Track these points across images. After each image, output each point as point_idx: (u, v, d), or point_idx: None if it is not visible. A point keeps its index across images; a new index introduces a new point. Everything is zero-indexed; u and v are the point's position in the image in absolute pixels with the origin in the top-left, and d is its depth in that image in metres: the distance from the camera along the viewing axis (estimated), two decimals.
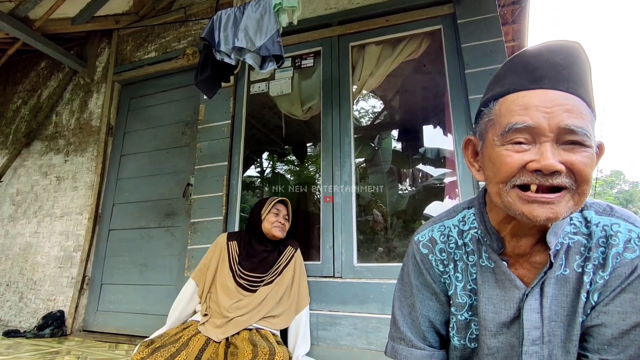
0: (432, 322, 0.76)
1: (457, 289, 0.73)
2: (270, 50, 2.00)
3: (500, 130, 0.61)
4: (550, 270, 0.64)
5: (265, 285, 1.95)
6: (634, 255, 0.61)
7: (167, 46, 3.27)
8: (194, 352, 1.63)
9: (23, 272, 3.15)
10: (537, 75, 0.59)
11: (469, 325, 0.72)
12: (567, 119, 0.56)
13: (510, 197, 0.60)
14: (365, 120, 5.73)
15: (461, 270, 0.73)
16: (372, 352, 1.95)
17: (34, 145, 3.59)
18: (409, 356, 0.76)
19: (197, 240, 2.55)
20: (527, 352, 0.64)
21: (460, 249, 0.74)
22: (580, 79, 0.59)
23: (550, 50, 0.61)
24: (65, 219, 3.15)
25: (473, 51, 2.21)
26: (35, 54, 3.90)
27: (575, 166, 0.56)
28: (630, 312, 0.60)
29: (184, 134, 3.02)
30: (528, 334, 0.64)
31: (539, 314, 0.64)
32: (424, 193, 5.06)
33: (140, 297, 2.73)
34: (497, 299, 0.68)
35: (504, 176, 0.60)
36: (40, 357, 2.03)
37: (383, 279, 2.06)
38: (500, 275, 0.68)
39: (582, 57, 0.61)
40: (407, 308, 0.78)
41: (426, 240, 0.77)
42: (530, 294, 0.65)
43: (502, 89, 0.64)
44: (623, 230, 0.63)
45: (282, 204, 2.15)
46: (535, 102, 0.58)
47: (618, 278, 0.61)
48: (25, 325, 2.92)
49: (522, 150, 0.59)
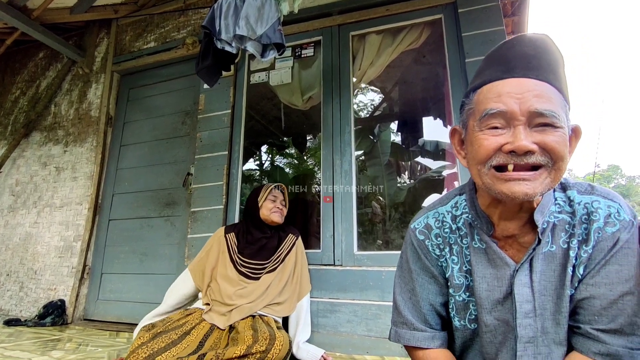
0: (433, 304, 0.79)
1: (454, 271, 0.76)
2: (272, 38, 1.99)
3: (478, 116, 0.66)
4: (538, 246, 0.68)
5: (267, 273, 1.96)
6: (615, 229, 0.65)
7: (167, 36, 3.25)
8: (197, 339, 1.64)
9: (23, 262, 3.16)
10: (510, 66, 0.65)
11: (467, 306, 0.76)
12: (536, 104, 0.61)
13: (488, 177, 0.65)
14: (364, 113, 5.72)
15: (456, 252, 0.77)
16: (372, 339, 1.97)
17: (32, 135, 3.58)
18: (411, 338, 0.79)
19: (197, 229, 2.56)
20: (521, 324, 0.67)
21: (454, 233, 0.78)
22: (550, 67, 0.64)
23: (522, 42, 0.67)
24: (65, 209, 3.15)
25: (474, 40, 2.21)
26: (34, 44, 3.87)
27: (548, 145, 0.61)
28: (616, 283, 0.64)
29: (184, 123, 3.02)
30: (520, 307, 0.68)
31: (529, 288, 0.68)
32: (422, 185, 5.07)
33: (141, 286, 2.74)
34: (490, 277, 0.71)
35: (482, 158, 0.65)
36: (42, 345, 2.05)
37: (383, 266, 2.07)
38: (492, 254, 0.72)
39: (551, 48, 0.66)
40: (407, 293, 0.81)
41: (422, 227, 0.81)
42: (520, 269, 0.69)
43: (480, 81, 0.70)
44: (603, 206, 0.67)
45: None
46: (507, 90, 0.63)
47: (601, 251, 0.65)
48: (25, 314, 2.94)
49: (498, 134, 0.64)
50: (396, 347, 1.91)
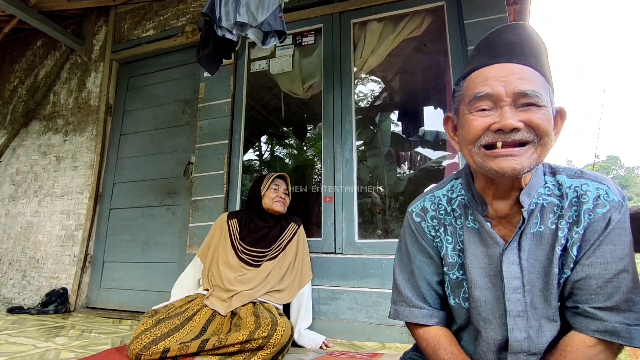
0: (430, 283, 0.83)
1: (448, 250, 0.80)
2: (273, 25, 1.98)
3: (467, 100, 0.71)
4: (525, 226, 0.72)
5: (268, 261, 1.98)
6: (605, 210, 0.67)
7: (166, 24, 3.22)
8: (199, 325, 1.66)
9: (25, 251, 3.17)
10: (496, 53, 0.70)
11: (461, 284, 0.79)
12: (520, 85, 0.66)
13: (479, 156, 0.69)
14: (364, 103, 5.70)
15: (450, 233, 0.81)
16: (373, 325, 2.00)
17: (32, 125, 3.57)
18: (410, 315, 0.83)
19: (199, 218, 2.57)
20: (510, 299, 0.71)
21: (449, 215, 0.82)
22: (532, 52, 0.69)
23: (506, 31, 0.73)
24: (66, 198, 3.15)
25: (476, 27, 2.19)
26: (31, 32, 3.83)
27: (533, 122, 0.65)
28: (611, 262, 0.66)
29: (184, 112, 3.00)
30: (509, 284, 0.71)
31: (517, 265, 0.71)
32: (422, 175, 5.08)
33: (143, 274, 2.76)
34: (482, 256, 0.75)
35: (472, 138, 0.70)
36: (46, 332, 2.07)
37: (383, 254, 2.09)
38: (484, 234, 0.76)
39: (533, 35, 0.72)
40: (406, 274, 0.86)
41: (419, 210, 0.86)
42: (509, 248, 0.72)
43: (469, 68, 0.75)
44: (592, 189, 0.70)
45: (281, 178, 2.16)
46: (493, 74, 0.68)
47: (595, 232, 0.68)
48: (28, 302, 2.96)
49: (486, 115, 0.68)
50: (396, 334, 1.93)
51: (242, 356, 1.48)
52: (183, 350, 1.46)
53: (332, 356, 1.64)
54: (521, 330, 0.70)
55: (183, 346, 1.46)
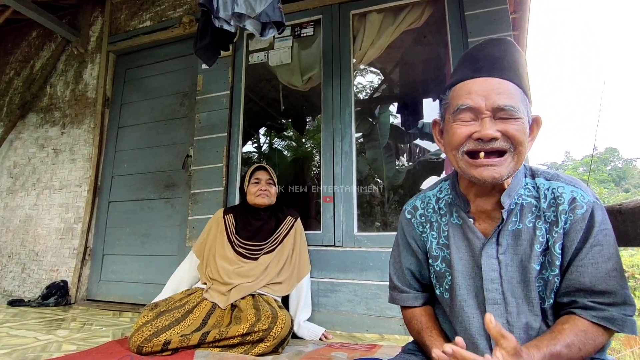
0: (413, 272, 0.95)
1: (433, 245, 0.90)
2: (271, 16, 1.96)
3: (452, 110, 0.79)
4: (504, 224, 0.79)
5: (265, 254, 1.98)
6: (583, 211, 0.74)
7: (163, 15, 3.18)
8: (200, 317, 1.67)
9: (24, 244, 3.18)
10: (478, 67, 0.78)
11: (444, 275, 0.87)
12: (498, 100, 0.74)
13: (462, 163, 0.78)
14: (363, 95, 5.67)
15: (435, 229, 0.90)
16: (372, 317, 2.01)
17: (29, 117, 3.54)
18: (400, 299, 0.97)
19: (198, 211, 2.57)
20: (488, 289, 0.79)
21: (435, 213, 0.92)
22: (512, 67, 0.77)
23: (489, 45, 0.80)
24: (65, 191, 3.15)
25: (477, 19, 2.18)
26: (26, 23, 3.78)
27: (509, 132, 0.73)
28: (601, 262, 0.73)
29: (182, 105, 2.99)
30: (487, 275, 0.79)
31: (495, 259, 0.79)
32: (421, 168, 5.07)
33: (143, 267, 2.77)
34: (465, 249, 0.84)
35: (455, 144, 0.78)
36: (47, 324, 2.08)
37: (382, 247, 2.10)
38: (466, 229, 0.84)
39: (513, 50, 0.79)
40: (397, 264, 0.98)
41: (410, 208, 0.97)
42: (488, 243, 0.80)
43: (455, 79, 0.82)
44: (567, 191, 0.77)
45: (261, 169, 2.13)
46: (475, 88, 0.76)
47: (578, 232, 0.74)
48: (29, 294, 2.97)
49: (468, 125, 0.76)
50: (395, 325, 1.95)
51: (243, 348, 1.49)
52: (184, 343, 1.47)
53: (331, 347, 1.65)
54: (499, 316, 0.77)
55: (184, 338, 1.48)
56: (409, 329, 0.94)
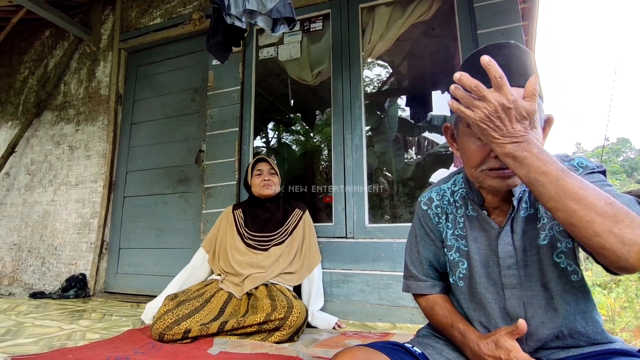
0: (431, 262, 0.98)
1: (448, 235, 0.93)
2: (282, 12, 1.98)
3: (466, 122, 0.78)
4: (515, 212, 0.82)
5: (275, 245, 2.03)
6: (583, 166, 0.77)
7: (173, 11, 3.22)
8: (217, 307, 1.73)
9: (43, 239, 3.27)
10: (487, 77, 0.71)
11: (457, 264, 0.91)
12: None
13: (481, 176, 0.78)
14: (371, 88, 5.67)
15: (451, 220, 0.94)
16: (384, 307, 2.05)
17: (44, 115, 3.62)
18: (417, 287, 0.99)
19: (212, 205, 2.62)
20: (505, 275, 0.82)
21: (451, 205, 0.95)
22: (519, 72, 0.74)
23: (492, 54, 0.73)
24: (81, 187, 3.22)
25: (486, 11, 2.17)
26: (39, 23, 3.85)
27: None
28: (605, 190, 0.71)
29: (193, 100, 3.03)
30: (504, 262, 0.82)
31: (511, 246, 0.82)
32: (430, 160, 5.08)
33: (158, 259, 2.84)
34: (481, 239, 0.87)
35: (474, 164, 0.79)
36: (69, 315, 2.15)
37: (394, 238, 2.13)
38: (482, 221, 0.87)
39: (518, 53, 0.76)
40: (415, 254, 1.01)
41: (426, 200, 1.00)
42: (503, 232, 0.83)
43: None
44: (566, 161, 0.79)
45: (261, 161, 2.18)
46: None
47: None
48: (49, 287, 3.06)
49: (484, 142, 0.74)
50: (407, 314, 1.99)
51: (260, 336, 1.54)
52: (204, 331, 1.52)
53: (345, 336, 1.69)
54: (517, 298, 0.81)
55: (204, 327, 1.53)
56: (430, 314, 0.96)
